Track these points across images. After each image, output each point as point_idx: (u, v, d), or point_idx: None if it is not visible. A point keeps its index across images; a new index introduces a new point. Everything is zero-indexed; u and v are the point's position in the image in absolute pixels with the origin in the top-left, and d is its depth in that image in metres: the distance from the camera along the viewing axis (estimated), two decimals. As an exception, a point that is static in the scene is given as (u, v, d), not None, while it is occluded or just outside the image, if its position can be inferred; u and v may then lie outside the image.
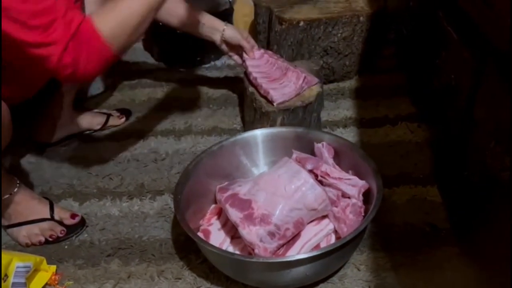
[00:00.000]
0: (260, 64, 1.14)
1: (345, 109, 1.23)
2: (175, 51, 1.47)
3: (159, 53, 1.53)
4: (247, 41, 1.14)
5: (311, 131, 0.95)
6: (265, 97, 1.05)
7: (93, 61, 0.76)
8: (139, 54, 1.57)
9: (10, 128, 0.85)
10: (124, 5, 0.79)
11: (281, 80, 1.08)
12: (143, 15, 0.80)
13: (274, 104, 1.02)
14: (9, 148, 0.97)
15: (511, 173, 0.63)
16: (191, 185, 0.85)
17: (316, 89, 1.07)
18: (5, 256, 0.76)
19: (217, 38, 1.14)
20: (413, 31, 1.26)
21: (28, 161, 1.13)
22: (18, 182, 0.91)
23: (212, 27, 1.13)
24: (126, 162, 1.10)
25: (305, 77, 1.06)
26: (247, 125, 1.15)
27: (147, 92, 1.36)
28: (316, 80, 1.08)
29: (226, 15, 1.51)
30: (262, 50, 1.17)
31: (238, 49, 1.15)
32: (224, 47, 1.17)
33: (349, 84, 1.33)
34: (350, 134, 1.13)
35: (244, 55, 1.14)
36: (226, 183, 0.88)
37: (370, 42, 1.31)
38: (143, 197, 0.99)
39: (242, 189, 0.81)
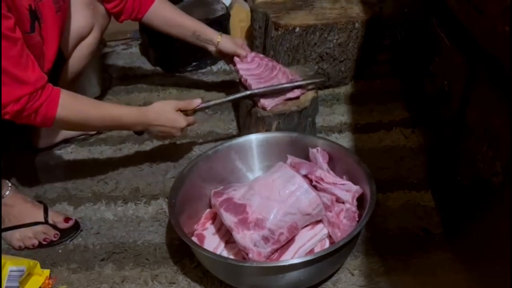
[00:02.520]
0: (251, 67, 1.15)
1: (340, 114, 1.23)
2: (172, 56, 1.48)
3: (156, 58, 1.54)
4: (242, 49, 1.14)
5: (306, 136, 0.96)
6: (255, 102, 1.06)
7: (30, 121, 0.80)
8: (135, 58, 1.58)
9: None
10: (93, 110, 0.88)
11: (271, 82, 1.08)
12: (99, 127, 0.97)
13: (267, 109, 1.02)
14: (4, 152, 0.97)
15: (502, 178, 0.63)
16: (186, 190, 0.85)
17: (311, 94, 1.08)
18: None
19: (212, 49, 1.15)
20: (407, 37, 1.27)
21: (23, 165, 1.13)
22: (10, 185, 0.91)
23: (207, 39, 1.13)
24: (121, 166, 1.10)
25: (293, 78, 1.07)
26: (243, 130, 1.16)
27: (143, 97, 1.37)
28: (300, 92, 1.07)
29: (222, 21, 1.52)
30: (252, 53, 1.18)
31: (233, 57, 1.15)
32: (220, 56, 1.18)
33: (344, 89, 1.34)
34: (345, 139, 1.13)
35: (235, 58, 1.15)
36: (221, 187, 0.89)
37: (365, 48, 1.32)
38: (138, 202, 1.00)
39: (237, 194, 0.81)
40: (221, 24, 1.50)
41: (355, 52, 1.31)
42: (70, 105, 0.83)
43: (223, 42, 1.13)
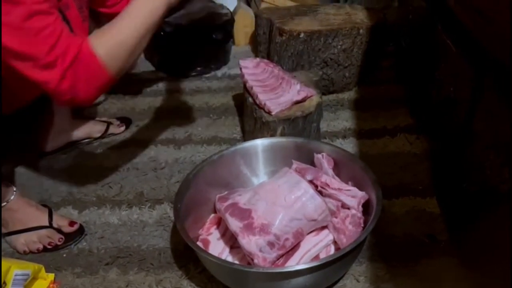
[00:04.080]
0: (256, 72, 1.15)
1: (344, 120, 1.23)
2: (176, 61, 1.48)
3: (160, 62, 1.54)
4: None
5: (311, 142, 0.96)
6: (262, 107, 1.06)
7: (91, 86, 0.77)
8: (140, 63, 1.58)
9: None
10: (121, 27, 0.80)
11: (277, 90, 1.09)
12: (140, 37, 0.81)
13: (272, 114, 1.02)
14: (8, 156, 0.97)
15: (510, 185, 0.63)
16: (191, 194, 0.85)
17: (316, 99, 1.08)
18: (4, 264, 0.76)
19: None
20: (412, 44, 1.27)
21: (28, 169, 1.13)
22: (14, 189, 0.91)
23: None
24: (125, 171, 1.10)
25: (298, 89, 1.07)
26: (247, 135, 1.16)
27: (147, 101, 1.37)
28: (309, 92, 1.08)
29: (227, 26, 1.53)
30: (258, 59, 1.18)
31: None
32: None
33: (349, 95, 1.34)
34: (349, 145, 1.13)
35: (241, 62, 1.15)
36: (225, 192, 0.89)
37: (369, 54, 1.32)
38: (142, 206, 0.99)
39: (242, 199, 0.81)
40: (225, 29, 1.51)
41: (360, 58, 1.31)
42: (102, 43, 0.78)
43: None
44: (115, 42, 0.79)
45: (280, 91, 1.09)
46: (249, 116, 1.11)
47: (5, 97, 0.89)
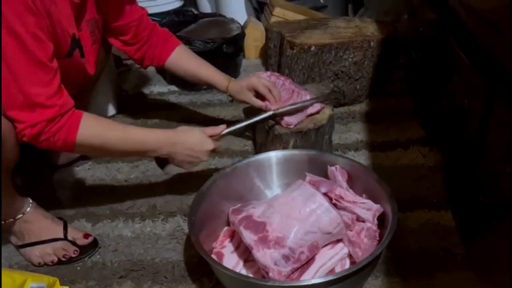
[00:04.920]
0: None
1: (356, 132, 1.23)
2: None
3: (171, 76, 1.56)
4: (252, 91, 1.09)
5: (324, 154, 0.96)
6: (277, 121, 1.06)
7: (50, 145, 0.81)
8: (151, 77, 1.60)
9: (17, 148, 0.85)
10: (113, 134, 0.87)
11: (288, 103, 1.09)
12: (118, 154, 0.92)
13: (291, 127, 1.02)
14: (22, 169, 0.98)
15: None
16: (205, 207, 0.85)
17: (327, 112, 1.09)
18: (19, 277, 0.76)
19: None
20: (422, 56, 1.27)
21: (42, 182, 1.14)
22: (31, 201, 0.92)
23: (219, 88, 1.13)
24: (138, 184, 1.10)
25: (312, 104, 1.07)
26: (259, 147, 1.16)
27: (159, 115, 1.38)
28: (320, 105, 1.08)
29: (237, 40, 1.54)
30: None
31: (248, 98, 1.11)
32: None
33: (360, 107, 1.34)
34: (361, 157, 1.13)
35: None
36: (239, 205, 0.89)
37: (380, 66, 1.33)
38: (155, 219, 1.00)
39: (256, 211, 0.81)
40: (236, 43, 1.52)
41: (370, 71, 1.31)
42: (91, 128, 0.83)
43: (231, 88, 1.11)
44: (99, 138, 0.85)
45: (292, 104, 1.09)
46: (261, 128, 1.12)
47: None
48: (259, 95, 1.09)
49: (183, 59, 1.13)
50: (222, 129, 0.97)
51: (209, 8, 2.10)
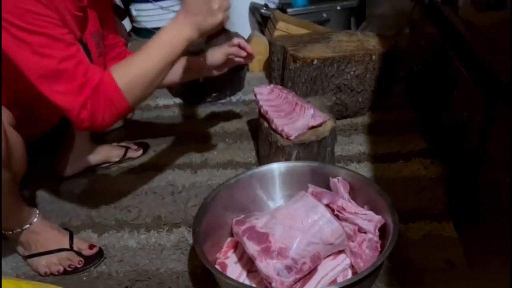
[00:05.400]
0: (271, 98, 1.18)
1: (358, 144, 1.25)
2: (192, 87, 1.52)
3: (176, 89, 1.58)
4: (231, 46, 1.12)
5: (327, 166, 0.97)
6: (279, 132, 1.08)
7: (109, 115, 0.81)
8: (157, 89, 1.62)
9: (25, 159, 0.88)
10: (142, 60, 0.84)
11: (291, 115, 1.11)
12: (160, 69, 0.84)
13: (291, 139, 1.04)
14: (30, 180, 1.00)
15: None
16: (209, 218, 0.86)
17: (330, 124, 1.10)
18: (26, 286, 0.77)
19: (211, 73, 1.16)
20: (423, 69, 1.29)
21: (48, 193, 1.16)
22: (37, 212, 0.94)
23: (199, 68, 1.14)
24: (143, 195, 1.12)
25: (313, 113, 1.09)
26: (262, 159, 1.17)
27: (164, 127, 1.40)
28: (324, 118, 1.10)
29: (241, 53, 1.57)
30: (272, 85, 1.21)
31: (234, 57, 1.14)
32: (225, 67, 1.17)
33: (362, 119, 1.36)
34: (364, 169, 1.14)
35: (255, 89, 1.18)
36: (242, 216, 0.90)
37: (382, 79, 1.35)
38: (160, 230, 1.01)
39: (259, 222, 0.83)
40: (240, 56, 1.55)
41: (372, 84, 1.33)
42: (123, 73, 0.82)
43: (210, 59, 1.12)
44: (135, 74, 0.82)
45: (295, 116, 1.11)
46: (264, 140, 1.14)
47: (32, 122, 0.93)
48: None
49: None
50: None
51: (213, 22, 2.13)
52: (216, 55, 1.14)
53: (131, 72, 0.82)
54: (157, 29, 2.05)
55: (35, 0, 0.73)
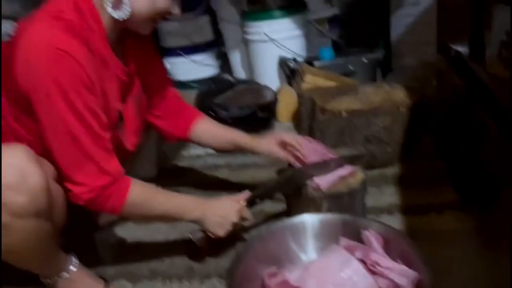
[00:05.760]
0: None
1: (389, 195, 1.25)
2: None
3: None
4: (280, 147, 1.15)
5: (358, 218, 0.97)
6: (307, 183, 1.09)
7: (100, 207, 0.89)
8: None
9: (65, 211, 0.93)
10: (159, 200, 0.95)
11: (320, 166, 1.13)
12: (161, 217, 0.99)
13: (321, 190, 1.05)
14: (67, 228, 1.04)
15: None
16: (241, 270, 0.87)
17: (360, 175, 1.11)
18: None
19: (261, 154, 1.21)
20: (451, 121, 1.30)
21: (84, 241, 1.19)
22: (74, 260, 0.97)
23: (244, 147, 1.19)
24: (176, 245, 1.14)
25: (342, 164, 1.11)
26: (293, 210, 1.18)
27: (196, 176, 1.44)
28: (354, 169, 1.11)
29: (271, 105, 1.62)
30: (301, 137, 1.24)
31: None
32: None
33: (392, 170, 1.36)
34: (395, 221, 1.13)
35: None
36: (274, 268, 0.90)
37: (410, 130, 1.36)
38: (192, 280, 1.02)
39: (292, 276, 0.83)
40: (270, 108, 1.61)
41: (401, 135, 1.34)
42: (138, 195, 0.91)
43: (257, 142, 1.17)
44: (145, 203, 0.93)
45: (325, 167, 1.13)
46: (294, 191, 1.15)
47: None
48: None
49: (207, 126, 1.20)
50: (247, 194, 1.04)
51: (244, 75, 2.22)
52: (263, 148, 1.17)
53: (143, 200, 0.93)
54: (190, 81, 2.15)
55: (88, 90, 0.81)
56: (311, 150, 1.19)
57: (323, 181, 1.07)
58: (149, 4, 0.90)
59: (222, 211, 1.00)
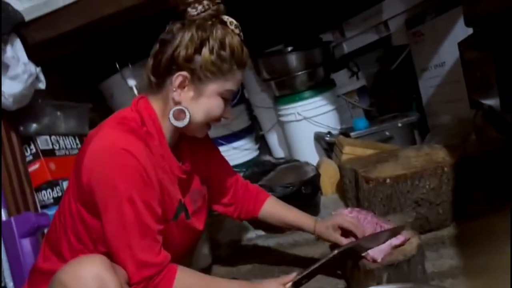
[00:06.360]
0: None
1: (449, 258, 1.21)
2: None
3: (255, 222, 1.66)
4: (338, 231, 1.17)
5: (422, 286, 0.95)
6: (364, 256, 1.09)
7: None
8: (238, 224, 1.71)
9: None
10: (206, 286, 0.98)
11: (373, 237, 1.12)
12: None
13: (378, 261, 1.04)
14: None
15: None
16: None
17: (415, 241, 1.10)
18: None
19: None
20: (499, 174, 1.28)
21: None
22: None
23: (307, 230, 1.23)
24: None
25: (395, 233, 1.10)
26: (352, 284, 1.16)
27: (251, 259, 1.45)
28: (407, 235, 1.10)
29: (314, 180, 1.65)
30: (349, 209, 1.25)
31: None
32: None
33: (447, 231, 1.33)
34: (460, 285, 1.09)
35: (333, 213, 1.23)
36: None
37: (458, 188, 1.34)
38: None
39: None
40: (313, 183, 1.63)
41: (450, 194, 1.33)
42: (184, 283, 0.94)
43: (318, 228, 1.19)
44: None
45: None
46: (351, 265, 1.14)
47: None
48: (344, 235, 1.15)
49: (273, 208, 1.26)
50: (293, 276, 1.04)
51: (282, 154, 2.30)
52: (323, 232, 1.19)
53: (190, 287, 0.95)
54: (233, 167, 2.24)
55: (146, 185, 0.89)
56: (362, 221, 1.20)
57: (378, 253, 1.06)
58: (205, 113, 1.01)
59: None
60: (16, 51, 1.46)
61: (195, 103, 0.99)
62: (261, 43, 2.13)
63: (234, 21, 1.01)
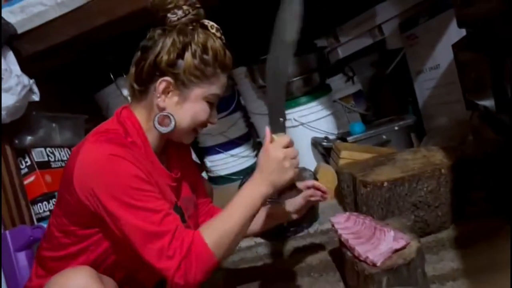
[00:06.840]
0: (348, 225, 1.20)
1: (449, 260, 1.20)
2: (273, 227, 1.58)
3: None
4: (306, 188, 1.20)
5: (422, 290, 0.94)
6: (363, 260, 1.08)
7: (201, 272, 0.87)
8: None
9: None
10: (226, 218, 0.93)
11: (372, 240, 1.12)
12: (241, 225, 0.92)
13: (377, 265, 1.03)
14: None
15: None
16: None
17: (414, 244, 1.09)
18: None
19: (291, 217, 1.24)
20: (498, 175, 1.27)
21: None
22: None
23: (280, 215, 1.23)
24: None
25: (394, 236, 1.09)
26: (352, 290, 1.15)
27: (253, 267, 1.44)
28: (407, 238, 1.09)
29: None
30: (347, 213, 1.24)
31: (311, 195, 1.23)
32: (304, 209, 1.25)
33: (447, 234, 1.32)
34: (461, 287, 1.08)
35: (331, 219, 1.22)
36: None
37: (457, 190, 1.33)
38: None
39: None
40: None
41: (448, 196, 1.32)
42: (211, 234, 0.89)
43: (289, 207, 1.21)
44: (221, 232, 0.90)
45: (376, 241, 1.11)
46: (350, 270, 1.13)
47: (131, 286, 1.03)
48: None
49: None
50: (268, 131, 1.00)
51: (279, 161, 2.28)
52: (296, 200, 1.21)
53: (217, 231, 0.90)
54: (231, 175, 2.23)
55: (140, 179, 0.88)
56: (361, 226, 1.19)
57: (377, 256, 1.05)
58: (191, 118, 1.00)
59: (270, 163, 0.94)
60: (9, 64, 1.45)
61: (180, 108, 0.98)
62: (256, 50, 2.13)
63: (215, 25, 1.00)
